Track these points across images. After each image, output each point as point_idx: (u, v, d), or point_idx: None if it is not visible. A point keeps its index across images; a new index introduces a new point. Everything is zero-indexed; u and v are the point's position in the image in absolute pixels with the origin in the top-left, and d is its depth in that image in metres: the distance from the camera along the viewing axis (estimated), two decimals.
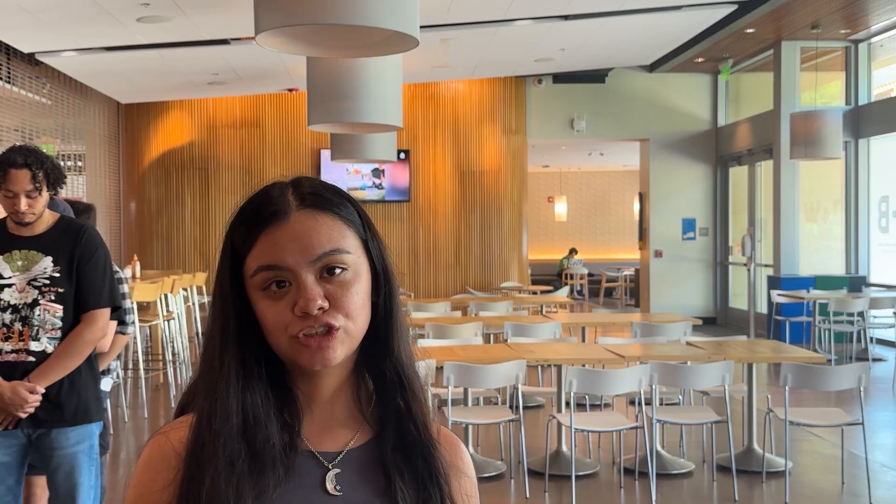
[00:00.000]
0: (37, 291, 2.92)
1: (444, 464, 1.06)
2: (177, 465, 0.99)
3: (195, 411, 1.02)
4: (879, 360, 9.93)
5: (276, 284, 1.00)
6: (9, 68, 8.98)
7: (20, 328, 2.91)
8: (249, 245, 1.02)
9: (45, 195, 2.97)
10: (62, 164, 9.09)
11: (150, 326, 8.62)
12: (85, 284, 2.98)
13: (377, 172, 12.70)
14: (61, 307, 2.94)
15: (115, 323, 3.33)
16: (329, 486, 1.03)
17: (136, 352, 7.67)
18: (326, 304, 1.00)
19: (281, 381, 1.04)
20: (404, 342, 1.09)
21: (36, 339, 2.91)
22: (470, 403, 5.71)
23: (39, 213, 2.96)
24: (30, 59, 9.28)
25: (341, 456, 1.05)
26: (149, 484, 1.00)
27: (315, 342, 0.99)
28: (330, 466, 1.04)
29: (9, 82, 8.99)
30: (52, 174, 2.98)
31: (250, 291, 1.02)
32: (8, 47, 8.83)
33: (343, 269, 1.02)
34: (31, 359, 2.91)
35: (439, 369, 4.95)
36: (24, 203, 2.91)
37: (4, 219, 3.04)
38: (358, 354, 1.06)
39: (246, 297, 1.02)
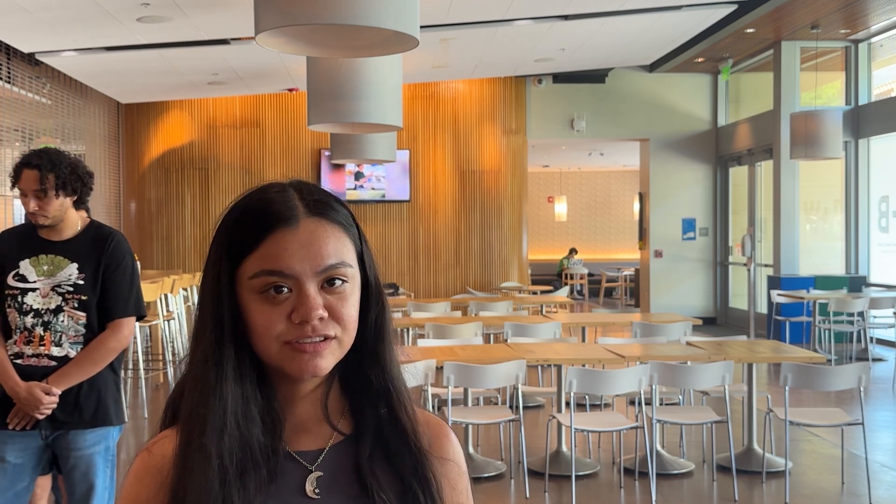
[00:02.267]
0: (60, 298, 2.92)
1: (437, 474, 1.05)
2: (160, 479, 0.99)
3: (182, 414, 1.02)
4: (879, 360, 9.92)
5: (275, 289, 0.99)
6: (9, 68, 8.98)
7: (41, 333, 2.91)
8: (252, 247, 1.00)
9: (60, 199, 2.94)
10: None
11: (150, 326, 8.63)
12: (111, 292, 2.97)
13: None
14: (84, 314, 2.94)
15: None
16: (308, 488, 1.02)
17: (136, 352, 7.67)
18: (325, 315, 0.99)
19: (261, 383, 1.03)
20: (393, 353, 1.08)
21: (58, 344, 2.92)
22: (470, 403, 5.71)
23: (54, 217, 2.94)
24: (30, 59, 9.28)
25: (322, 457, 1.04)
26: (134, 500, 1.01)
27: (311, 347, 0.99)
28: (312, 468, 1.03)
29: (9, 82, 8.99)
30: (64, 178, 2.95)
31: (243, 293, 1.00)
32: (8, 47, 8.83)
33: (344, 281, 1.01)
34: (53, 363, 2.91)
35: (439, 369, 4.95)
36: (32, 203, 2.92)
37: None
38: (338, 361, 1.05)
39: (236, 297, 1.01)
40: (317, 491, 1.02)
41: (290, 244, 0.99)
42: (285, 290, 0.99)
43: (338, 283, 1.01)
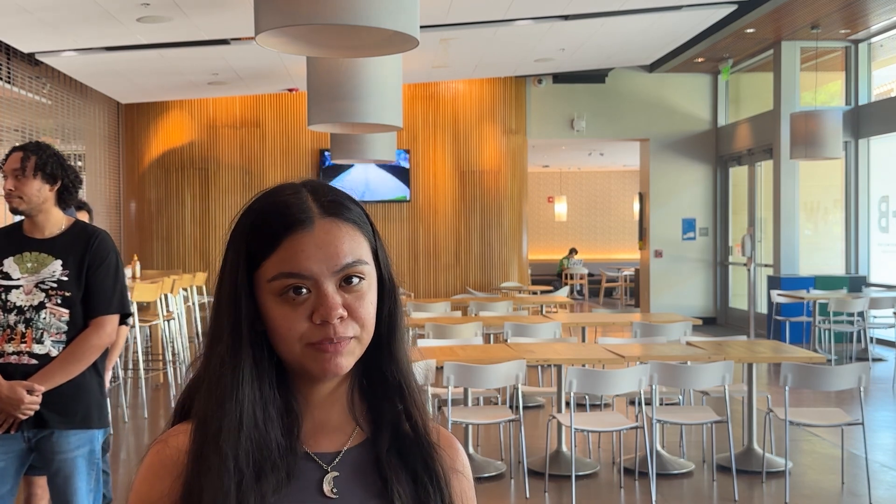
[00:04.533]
0: (44, 294, 2.90)
1: (444, 467, 1.07)
2: (176, 472, 0.99)
3: (196, 415, 1.02)
4: (879, 360, 9.92)
5: (294, 291, 1.00)
6: (9, 68, 8.98)
7: (23, 330, 2.88)
8: (270, 250, 1.01)
9: (38, 183, 2.94)
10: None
11: (150, 326, 8.62)
12: (95, 289, 2.95)
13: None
14: (67, 311, 2.92)
15: (124, 328, 3.31)
16: (326, 488, 1.03)
17: (136, 352, 7.67)
18: (345, 314, 1.01)
19: (280, 384, 1.04)
20: (405, 348, 1.10)
21: (39, 341, 2.88)
22: (470, 403, 5.71)
23: (30, 201, 2.93)
24: (30, 59, 9.28)
25: (339, 457, 1.05)
26: (148, 492, 1.01)
27: (332, 347, 1.00)
28: (329, 469, 1.04)
29: (9, 82, 8.99)
30: (45, 159, 2.96)
31: (263, 295, 1.02)
32: (8, 47, 8.83)
33: (361, 278, 1.03)
34: (34, 361, 2.88)
35: (439, 369, 4.95)
36: (10, 182, 2.93)
37: (22, 222, 3.03)
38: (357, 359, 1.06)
39: (254, 300, 1.02)
40: (335, 490, 1.03)
41: (307, 246, 1.00)
42: (304, 291, 1.00)
43: (355, 280, 1.02)
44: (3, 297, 2.90)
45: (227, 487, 0.96)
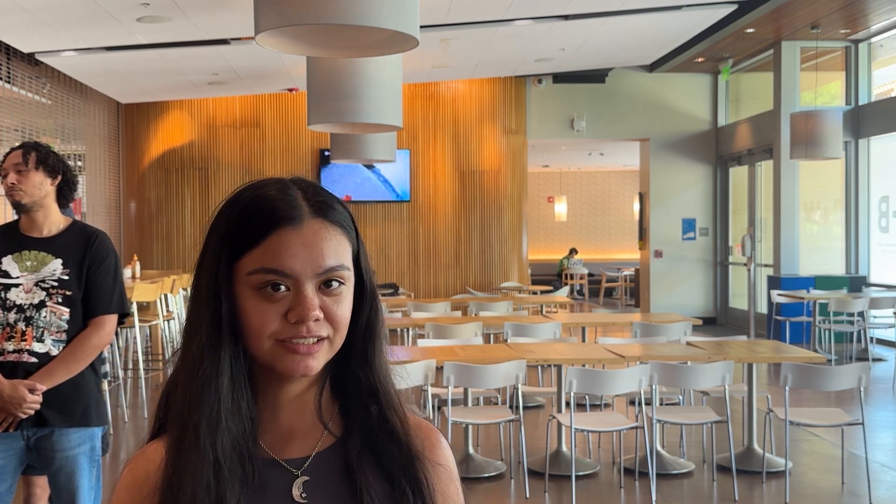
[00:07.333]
0: (44, 293, 2.90)
1: (429, 476, 1.05)
2: (147, 490, 0.99)
3: (175, 410, 1.01)
4: (879, 360, 9.92)
5: (272, 287, 0.99)
6: (9, 68, 8.98)
7: (23, 328, 2.88)
8: (254, 243, 1.00)
9: (40, 176, 2.97)
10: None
11: (150, 326, 8.63)
12: (94, 289, 2.97)
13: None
14: (68, 310, 2.92)
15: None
16: (295, 493, 1.02)
17: (136, 352, 7.67)
18: (321, 316, 0.99)
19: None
20: (382, 354, 1.08)
21: (40, 340, 2.89)
22: (470, 403, 5.71)
23: (31, 195, 2.95)
24: (30, 59, 9.28)
25: (308, 461, 1.04)
26: None
27: (304, 348, 0.99)
28: (298, 474, 1.03)
29: (9, 82, 8.99)
30: (45, 153, 3.01)
31: (239, 288, 1.00)
32: (8, 47, 8.83)
33: (341, 283, 1.01)
34: (34, 360, 2.88)
35: (439, 369, 4.95)
36: (11, 176, 2.96)
37: (18, 220, 3.04)
38: (327, 362, 1.04)
39: (232, 292, 1.01)
40: (304, 495, 1.02)
41: (293, 244, 0.99)
42: (283, 288, 0.99)
43: (335, 284, 1.01)
44: (3, 295, 2.90)
45: (205, 478, 0.96)
